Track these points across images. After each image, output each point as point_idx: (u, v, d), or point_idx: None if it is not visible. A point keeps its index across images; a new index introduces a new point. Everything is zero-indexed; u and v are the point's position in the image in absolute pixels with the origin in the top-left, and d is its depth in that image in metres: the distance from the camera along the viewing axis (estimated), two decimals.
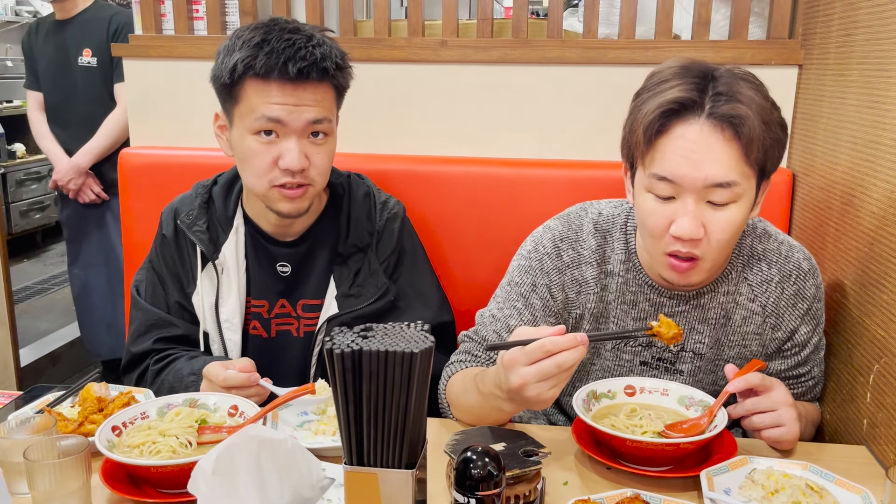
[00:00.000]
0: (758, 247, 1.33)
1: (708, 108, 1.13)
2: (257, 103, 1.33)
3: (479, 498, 0.86)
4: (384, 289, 1.47)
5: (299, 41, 1.32)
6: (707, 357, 1.34)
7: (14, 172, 5.43)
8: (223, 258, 1.47)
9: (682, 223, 1.15)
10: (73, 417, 1.23)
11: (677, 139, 1.14)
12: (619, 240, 1.34)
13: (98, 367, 3.48)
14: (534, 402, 1.09)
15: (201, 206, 1.50)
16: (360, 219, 1.50)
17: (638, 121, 1.17)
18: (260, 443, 0.98)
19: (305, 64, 1.31)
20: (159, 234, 1.54)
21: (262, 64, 1.30)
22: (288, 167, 1.34)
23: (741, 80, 1.16)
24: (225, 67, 1.34)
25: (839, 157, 1.51)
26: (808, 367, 1.37)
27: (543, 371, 1.05)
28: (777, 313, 1.32)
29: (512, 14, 1.86)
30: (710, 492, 1.05)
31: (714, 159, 1.13)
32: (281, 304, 1.50)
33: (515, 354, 1.07)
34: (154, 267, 1.53)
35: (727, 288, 1.31)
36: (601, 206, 1.39)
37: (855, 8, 1.47)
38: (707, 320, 1.32)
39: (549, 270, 1.35)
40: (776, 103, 1.19)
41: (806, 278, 1.32)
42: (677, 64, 1.19)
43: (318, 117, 1.35)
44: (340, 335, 0.88)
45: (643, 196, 1.20)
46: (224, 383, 1.28)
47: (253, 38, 1.33)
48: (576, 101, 1.84)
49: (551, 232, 1.37)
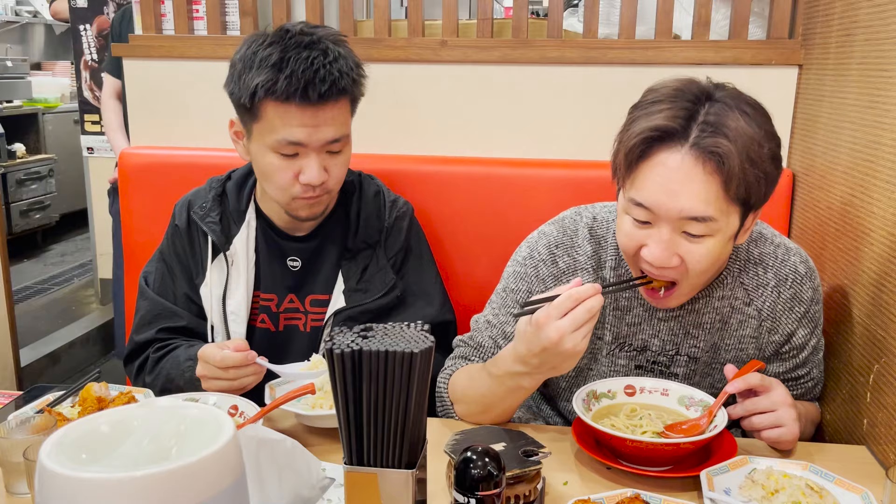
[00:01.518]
0: (754, 251, 1.32)
1: (692, 138, 1.10)
2: (278, 125, 1.34)
3: (479, 498, 0.86)
4: (391, 284, 1.50)
5: (317, 60, 1.32)
6: (703, 361, 1.34)
7: (14, 172, 5.43)
8: (234, 250, 1.49)
9: (653, 250, 1.15)
10: (72, 417, 1.22)
11: (657, 166, 1.12)
12: (612, 245, 1.34)
13: (98, 368, 3.48)
14: (567, 355, 1.12)
15: (215, 198, 1.52)
16: (370, 216, 1.52)
17: (623, 142, 1.16)
18: (259, 443, 0.98)
19: (326, 87, 1.32)
20: (172, 225, 1.56)
21: (282, 89, 1.30)
22: (309, 182, 1.38)
23: (737, 108, 1.11)
24: (244, 89, 1.34)
25: (839, 157, 1.51)
26: (807, 369, 1.37)
27: (576, 319, 1.10)
28: (774, 317, 1.31)
29: (512, 14, 1.86)
30: (710, 492, 1.05)
31: (692, 192, 1.10)
32: (290, 299, 1.52)
33: (547, 311, 1.11)
34: (164, 258, 1.55)
35: (722, 293, 1.30)
36: (595, 210, 1.38)
37: (855, 8, 1.47)
38: (702, 325, 1.32)
39: (544, 277, 1.35)
40: (774, 134, 1.14)
41: (803, 282, 1.31)
42: (673, 85, 1.15)
43: (337, 136, 1.38)
44: (340, 335, 0.88)
45: (622, 216, 1.21)
46: (221, 363, 1.26)
47: (270, 57, 1.32)
48: (576, 101, 1.84)
49: (546, 238, 1.37)
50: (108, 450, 0.73)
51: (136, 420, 0.77)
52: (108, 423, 0.76)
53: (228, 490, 0.72)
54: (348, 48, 1.40)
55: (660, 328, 1.33)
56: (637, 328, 1.33)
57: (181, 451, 0.74)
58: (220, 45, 1.94)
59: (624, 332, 1.34)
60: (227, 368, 1.27)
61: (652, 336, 1.33)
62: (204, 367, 1.30)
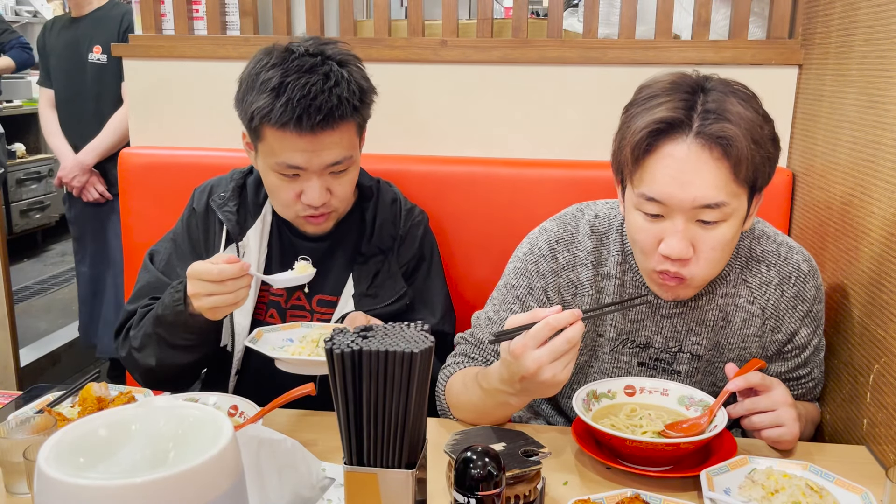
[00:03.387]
0: (756, 248, 1.32)
1: (696, 127, 1.11)
2: (277, 148, 1.34)
3: (479, 498, 0.86)
4: (402, 292, 1.50)
5: (315, 87, 1.30)
6: (705, 359, 1.34)
7: (14, 172, 5.43)
8: (247, 241, 1.49)
9: (672, 243, 1.15)
10: (72, 417, 1.23)
11: (665, 158, 1.13)
12: (615, 241, 1.33)
13: (98, 367, 3.48)
14: (548, 386, 1.09)
15: (234, 189, 1.52)
16: (385, 222, 1.52)
17: (626, 138, 1.16)
18: (260, 443, 0.98)
19: (321, 116, 1.30)
20: (189, 207, 1.56)
21: (278, 116, 1.30)
22: (310, 203, 1.38)
23: (732, 94, 1.13)
24: (245, 111, 1.35)
25: (839, 157, 1.51)
26: (809, 369, 1.37)
27: (555, 349, 1.06)
28: (777, 315, 1.31)
29: (512, 14, 1.86)
30: (710, 492, 1.05)
31: (702, 180, 1.11)
32: (297, 297, 1.52)
33: (523, 340, 1.08)
34: (176, 240, 1.54)
35: (725, 290, 1.31)
36: (597, 208, 1.38)
37: (855, 8, 1.47)
38: (705, 322, 1.32)
39: (544, 273, 1.35)
40: (768, 116, 1.16)
41: (806, 280, 1.31)
42: (667, 79, 1.17)
43: (339, 159, 1.37)
44: (340, 335, 0.88)
45: (633, 213, 1.20)
46: (219, 276, 1.23)
47: (270, 81, 1.31)
48: (576, 101, 1.84)
49: (547, 234, 1.37)
50: (106, 453, 0.73)
51: (135, 422, 0.77)
52: (105, 426, 0.76)
53: (228, 492, 0.72)
54: (356, 68, 1.38)
55: (663, 325, 1.33)
56: (640, 324, 1.33)
57: (180, 454, 0.74)
58: (220, 45, 1.94)
59: (627, 328, 1.34)
60: (224, 281, 1.24)
61: (655, 333, 1.33)
62: (197, 284, 1.26)
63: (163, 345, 1.38)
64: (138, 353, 1.41)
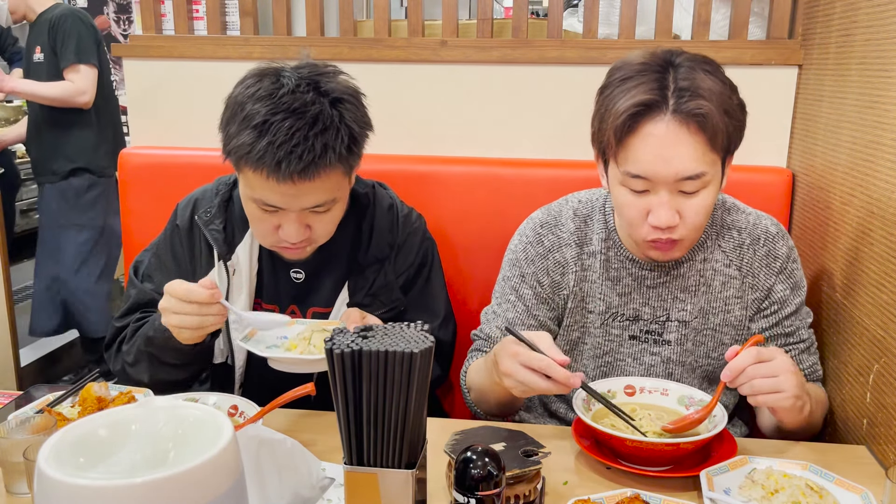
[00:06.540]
0: (727, 218, 1.40)
1: (672, 105, 1.18)
2: (255, 185, 1.27)
3: (479, 498, 0.86)
4: (396, 302, 1.47)
5: (299, 133, 1.20)
6: (692, 326, 1.38)
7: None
8: (236, 259, 1.45)
9: (660, 214, 1.22)
10: (72, 417, 1.23)
11: (647, 137, 1.19)
12: (598, 220, 1.41)
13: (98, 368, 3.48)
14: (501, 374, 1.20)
15: (220, 204, 1.47)
16: (382, 231, 1.47)
17: (607, 121, 1.23)
18: (260, 443, 0.98)
19: (302, 166, 1.20)
20: (172, 223, 1.51)
21: (256, 159, 1.21)
22: (286, 239, 1.32)
23: (700, 68, 1.20)
24: (225, 141, 1.28)
25: (839, 157, 1.51)
26: (793, 328, 1.38)
27: (528, 381, 1.16)
28: (753, 273, 1.37)
29: (512, 14, 1.86)
30: (709, 492, 1.05)
31: (683, 154, 1.18)
32: (291, 310, 1.48)
33: (520, 350, 1.17)
34: (159, 254, 1.51)
35: (704, 255, 1.37)
36: (580, 195, 1.47)
37: (855, 8, 1.47)
38: (688, 288, 1.37)
39: (532, 258, 1.42)
40: (733, 84, 1.22)
41: (775, 239, 1.38)
42: (637, 60, 1.23)
43: (319, 203, 1.29)
44: (340, 335, 0.88)
45: (618, 188, 1.27)
46: (186, 296, 1.22)
47: (255, 117, 1.22)
48: (576, 101, 1.84)
49: (532, 221, 1.46)
50: (106, 453, 0.73)
51: (135, 422, 0.77)
52: (105, 426, 0.76)
53: (228, 492, 0.72)
54: (353, 106, 1.28)
55: (649, 295, 1.38)
56: (628, 297, 1.39)
57: (179, 455, 0.74)
58: (219, 45, 1.94)
59: (616, 301, 1.39)
60: (190, 303, 1.22)
61: (642, 304, 1.39)
62: (167, 299, 1.24)
63: (154, 362, 1.37)
64: (132, 367, 1.41)
